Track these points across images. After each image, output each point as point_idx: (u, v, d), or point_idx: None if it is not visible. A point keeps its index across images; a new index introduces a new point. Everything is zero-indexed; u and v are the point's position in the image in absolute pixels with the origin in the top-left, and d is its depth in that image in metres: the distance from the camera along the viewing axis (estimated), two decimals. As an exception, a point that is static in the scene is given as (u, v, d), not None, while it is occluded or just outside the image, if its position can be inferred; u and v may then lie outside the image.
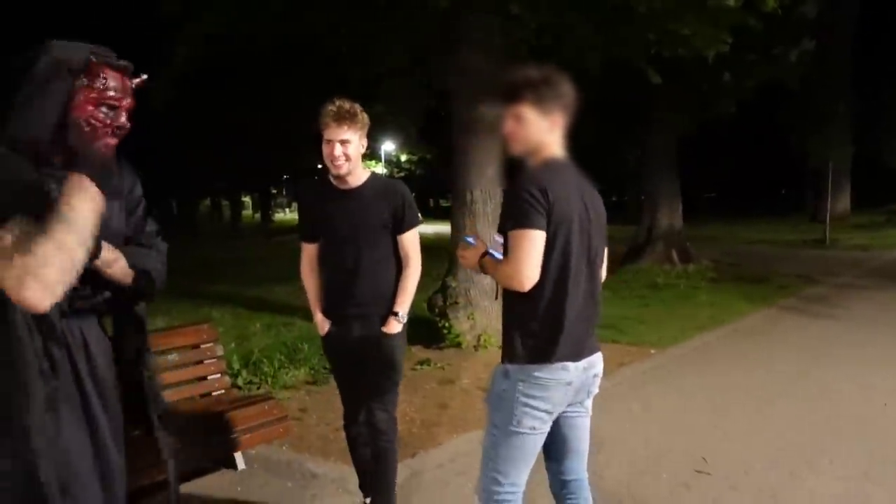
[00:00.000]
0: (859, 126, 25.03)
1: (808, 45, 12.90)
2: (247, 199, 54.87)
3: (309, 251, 3.26)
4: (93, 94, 1.84)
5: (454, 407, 3.49)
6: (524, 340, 2.27)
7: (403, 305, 3.16)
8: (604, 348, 7.25)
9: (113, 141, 1.91)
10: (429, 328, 6.98)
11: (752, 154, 37.50)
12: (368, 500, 3.39)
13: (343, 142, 3.00)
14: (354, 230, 3.09)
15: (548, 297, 2.23)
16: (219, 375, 4.22)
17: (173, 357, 4.07)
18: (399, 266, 3.18)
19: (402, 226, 3.17)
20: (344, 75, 13.74)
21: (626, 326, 8.17)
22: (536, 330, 2.26)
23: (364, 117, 3.06)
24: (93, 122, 1.85)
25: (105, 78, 1.86)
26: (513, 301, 2.29)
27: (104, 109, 1.86)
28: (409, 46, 9.33)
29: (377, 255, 3.13)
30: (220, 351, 4.27)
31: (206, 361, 4.19)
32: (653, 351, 7.02)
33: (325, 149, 3.03)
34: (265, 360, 6.10)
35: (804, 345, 7.38)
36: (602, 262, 2.43)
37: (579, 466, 2.49)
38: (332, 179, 3.14)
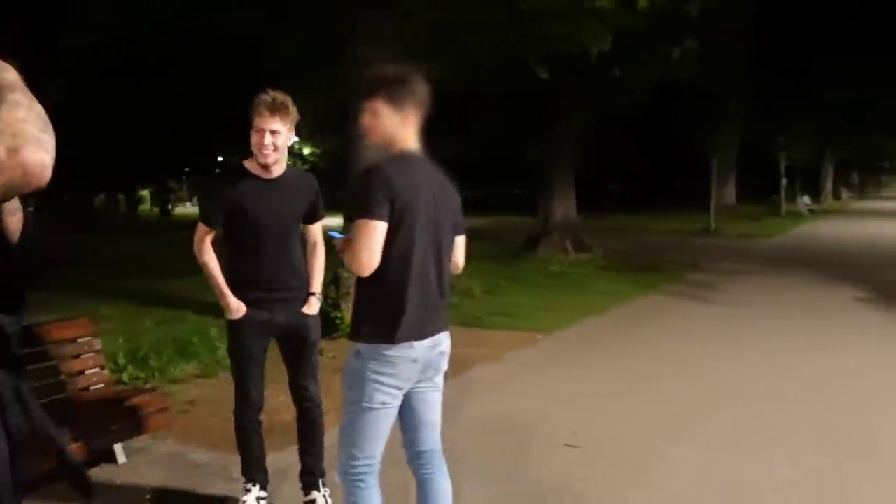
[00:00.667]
0: (750, 122, 26.49)
1: (692, 45, 13.55)
2: (145, 193, 52.90)
3: (212, 236, 3.30)
4: None
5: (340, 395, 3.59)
6: (372, 321, 2.40)
7: (319, 286, 3.41)
8: (495, 334, 7.53)
9: None
10: (323, 318, 7.02)
11: (654, 148, 39.05)
12: (251, 486, 3.43)
13: (273, 132, 3.09)
14: (278, 218, 3.22)
15: (391, 280, 2.36)
16: (97, 370, 4.15)
17: (49, 351, 3.98)
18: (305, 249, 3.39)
19: (315, 216, 3.39)
20: (244, 68, 13.53)
21: (518, 313, 8.45)
22: (381, 311, 2.39)
23: (294, 110, 3.17)
24: None
25: None
26: (361, 283, 2.42)
27: None
28: (308, 39, 9.34)
29: (295, 241, 3.32)
30: (98, 345, 4.20)
31: (83, 356, 4.11)
32: (539, 336, 7.31)
33: (255, 137, 3.11)
34: (153, 355, 6.00)
35: (685, 326, 7.86)
36: (451, 250, 2.57)
37: (431, 437, 2.63)
38: (252, 169, 3.22)
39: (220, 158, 37.47)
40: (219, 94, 19.00)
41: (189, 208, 56.71)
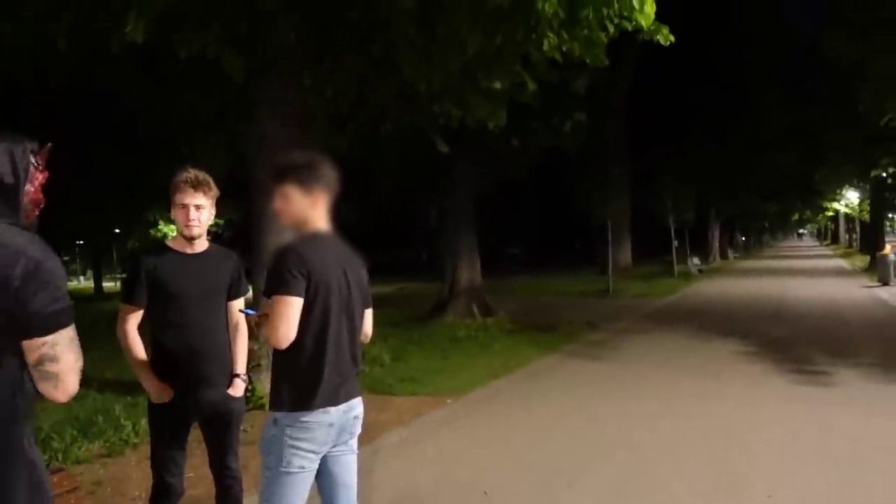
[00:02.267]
0: (634, 186, 28.11)
1: (580, 117, 14.56)
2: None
3: (135, 317, 3.30)
4: (42, 178, 1.98)
5: (253, 467, 3.68)
6: (289, 390, 2.61)
7: (242, 366, 3.43)
8: (403, 400, 7.73)
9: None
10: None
11: (550, 211, 40.59)
12: None
13: (197, 206, 3.22)
14: (203, 293, 3.28)
15: (308, 351, 2.59)
16: (3, 452, 4.11)
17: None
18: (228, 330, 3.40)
19: (237, 292, 3.43)
20: (147, 134, 13.48)
21: (425, 378, 8.69)
22: (299, 380, 2.60)
23: (215, 187, 3.31)
24: (39, 205, 1.99)
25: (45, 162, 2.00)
26: (279, 356, 2.63)
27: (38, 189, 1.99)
28: (207, 110, 9.50)
29: (220, 319, 3.36)
30: None
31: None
32: (448, 400, 7.56)
33: (180, 213, 3.23)
34: (55, 436, 5.87)
35: (581, 382, 8.32)
36: (361, 321, 2.82)
37: (348, 498, 2.83)
38: (174, 245, 3.32)
39: (116, 231, 36.44)
40: (121, 163, 18.65)
41: (82, 282, 54.28)
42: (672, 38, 6.87)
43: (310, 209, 2.70)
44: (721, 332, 12.11)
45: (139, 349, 3.29)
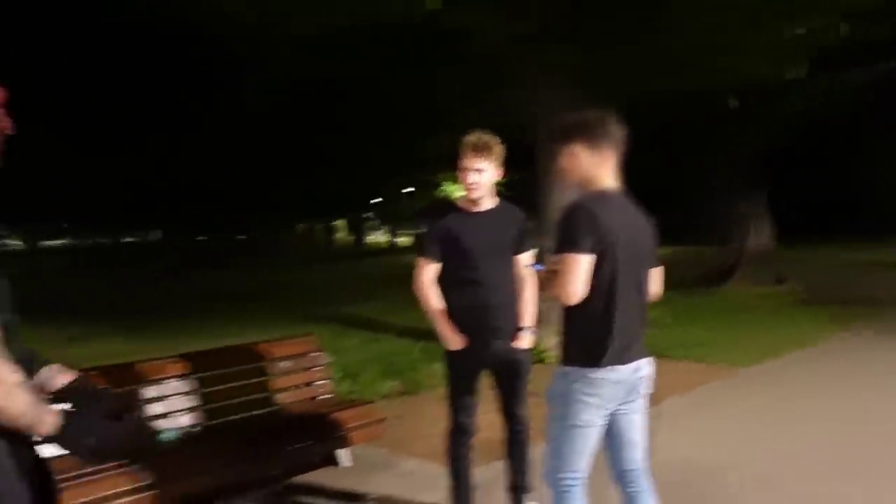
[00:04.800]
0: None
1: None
2: (341, 223, 56.54)
3: (431, 270, 3.52)
4: None
5: (536, 417, 3.84)
6: (578, 346, 2.65)
7: (531, 320, 3.54)
8: (684, 367, 7.46)
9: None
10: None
11: (846, 172, 35.98)
12: None
13: (477, 170, 3.38)
14: (491, 248, 3.43)
15: (597, 309, 2.59)
16: (324, 382, 4.73)
17: (285, 364, 4.61)
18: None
19: (522, 247, 3.55)
20: (420, 108, 14.39)
21: (707, 345, 8.30)
22: (588, 337, 2.62)
23: (499, 149, 3.42)
24: None
25: None
26: (569, 312, 2.66)
27: None
28: (472, 83, 9.77)
29: (507, 273, 3.49)
30: (325, 360, 4.78)
31: (312, 369, 4.70)
32: (731, 370, 7.15)
33: (462, 175, 3.43)
34: (362, 372, 6.62)
35: (882, 367, 7.31)
36: (648, 280, 2.77)
37: (635, 456, 2.81)
38: (461, 204, 3.52)
39: (403, 190, 39.56)
40: (400, 130, 20.30)
41: (380, 237, 59.93)
42: None
43: (597, 167, 2.69)
44: None
45: (435, 300, 3.51)
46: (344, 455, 4.55)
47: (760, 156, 14.51)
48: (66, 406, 1.62)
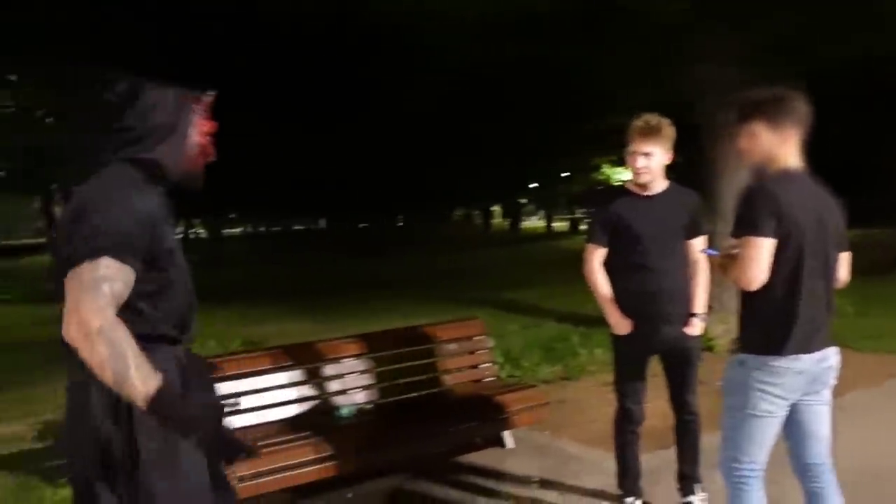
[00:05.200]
0: None
1: None
2: (497, 208, 56.99)
3: (599, 254, 3.49)
4: (205, 126, 2.04)
5: (704, 406, 3.72)
6: (758, 333, 2.53)
7: (702, 306, 3.44)
8: (870, 359, 6.90)
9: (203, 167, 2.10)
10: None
11: None
12: (631, 499, 3.61)
13: (646, 154, 3.28)
14: (661, 233, 3.35)
15: (779, 295, 2.47)
16: (488, 364, 4.84)
17: (452, 347, 4.76)
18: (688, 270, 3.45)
19: (695, 231, 3.44)
20: (581, 89, 14.17)
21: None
22: (769, 324, 2.50)
23: (669, 131, 3.31)
24: (205, 151, 2.06)
25: (206, 111, 2.06)
26: (749, 298, 2.55)
27: (207, 139, 2.06)
28: (637, 60, 9.47)
29: (677, 258, 3.40)
30: (489, 343, 4.90)
31: (477, 352, 4.83)
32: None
33: (630, 159, 3.34)
34: (524, 356, 6.69)
35: None
36: (836, 265, 2.60)
37: (819, 451, 2.66)
38: (631, 188, 3.44)
39: (562, 174, 39.17)
40: (560, 114, 20.17)
41: (535, 222, 59.82)
42: None
43: (779, 146, 2.56)
44: None
45: (603, 285, 3.48)
46: (508, 437, 4.64)
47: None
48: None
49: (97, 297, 1.66)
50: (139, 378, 1.67)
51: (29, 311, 12.93)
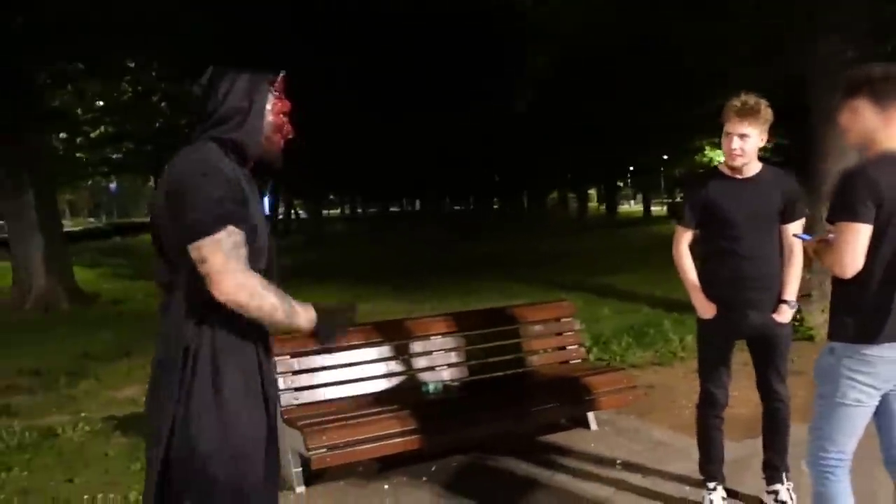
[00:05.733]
0: None
1: None
2: (592, 192, 56.18)
3: (687, 236, 3.46)
4: (281, 106, 2.11)
5: (800, 397, 3.62)
6: (852, 321, 2.46)
7: (793, 293, 3.34)
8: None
9: (282, 146, 2.16)
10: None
11: None
12: (714, 485, 3.54)
13: (742, 136, 3.18)
14: (753, 217, 3.27)
15: (876, 282, 2.39)
16: (576, 346, 4.86)
17: (540, 328, 4.81)
18: (781, 254, 3.35)
19: (793, 215, 3.33)
20: (689, 70, 13.76)
21: None
22: (864, 312, 2.43)
23: (767, 113, 3.21)
24: (281, 129, 2.12)
25: (283, 90, 2.13)
26: (842, 285, 2.47)
27: (283, 118, 2.13)
28: (756, 36, 9.13)
29: (770, 242, 3.31)
30: (577, 325, 4.92)
31: (565, 333, 4.85)
32: None
33: (725, 141, 3.25)
34: (614, 340, 6.66)
35: None
36: None
37: (910, 443, 2.57)
38: (724, 170, 3.35)
39: (664, 157, 38.16)
40: (662, 96, 19.65)
41: (632, 206, 58.59)
42: None
43: (882, 127, 2.45)
44: None
45: (688, 267, 3.44)
46: (593, 419, 4.66)
47: None
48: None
49: (240, 260, 1.86)
50: (301, 308, 1.99)
51: (143, 285, 13.81)
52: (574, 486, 3.84)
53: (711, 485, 3.57)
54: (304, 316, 2.00)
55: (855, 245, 2.37)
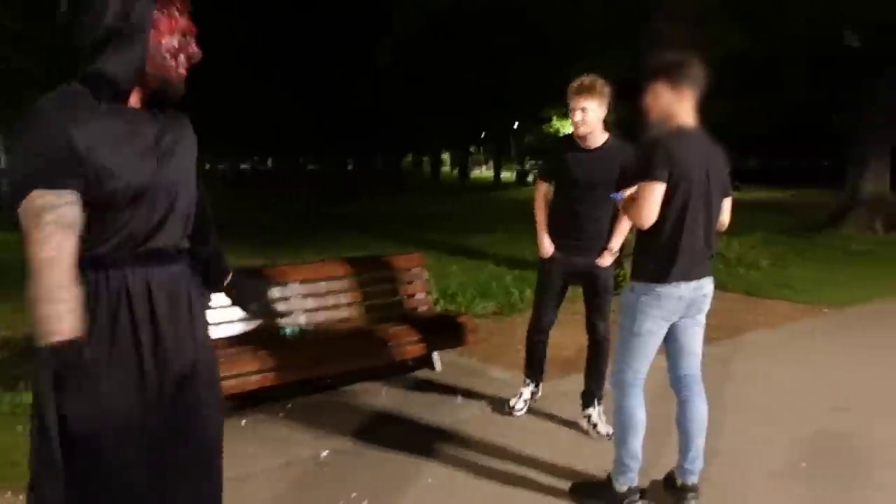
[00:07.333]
0: None
1: None
2: (445, 157, 57.11)
3: (543, 188, 4.16)
4: (176, 25, 1.75)
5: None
6: (648, 264, 3.00)
7: (616, 243, 3.99)
8: (776, 304, 7.57)
9: (185, 72, 1.80)
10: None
11: None
12: (528, 382, 4.32)
13: (583, 109, 3.77)
14: (588, 181, 3.87)
15: (667, 232, 2.92)
16: (424, 295, 5.25)
17: (389, 277, 5.14)
18: (615, 214, 3.94)
19: (624, 182, 3.90)
20: (546, 42, 14.41)
21: (805, 287, 8.33)
22: (657, 257, 2.97)
23: (604, 89, 3.79)
24: (180, 53, 1.77)
25: (176, 5, 1.76)
26: (642, 234, 3.01)
27: (179, 38, 1.76)
28: (609, 16, 9.82)
29: (605, 205, 3.85)
30: (425, 275, 5.31)
31: (414, 282, 5.22)
32: (825, 310, 7.21)
33: (571, 115, 3.85)
34: (460, 293, 7.14)
35: None
36: (718, 211, 3.06)
37: (692, 364, 3.16)
38: (578, 140, 3.92)
39: (514, 126, 39.51)
40: (518, 66, 20.42)
41: (483, 172, 60.18)
42: None
43: (676, 105, 2.98)
44: None
45: (541, 214, 4.13)
46: (437, 360, 5.09)
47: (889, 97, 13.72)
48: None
49: (41, 229, 1.58)
50: (60, 323, 1.61)
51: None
52: (420, 416, 4.26)
53: (527, 381, 4.34)
54: (47, 329, 1.56)
55: (651, 200, 2.87)
